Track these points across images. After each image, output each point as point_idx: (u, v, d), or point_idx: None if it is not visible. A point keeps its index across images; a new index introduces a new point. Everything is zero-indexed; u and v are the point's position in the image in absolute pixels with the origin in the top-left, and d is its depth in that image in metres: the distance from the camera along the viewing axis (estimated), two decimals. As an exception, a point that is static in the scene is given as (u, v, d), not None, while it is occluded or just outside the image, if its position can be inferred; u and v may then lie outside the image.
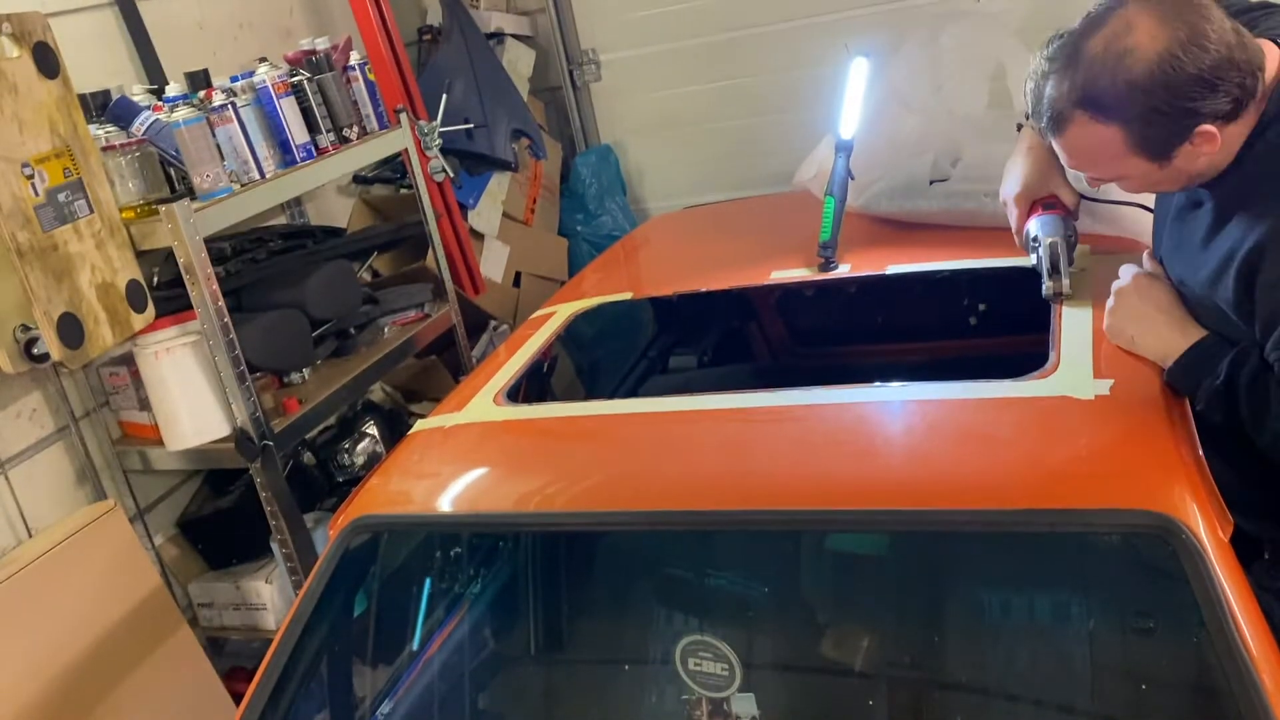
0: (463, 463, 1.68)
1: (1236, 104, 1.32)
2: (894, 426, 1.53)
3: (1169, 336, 1.46)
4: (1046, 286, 1.71)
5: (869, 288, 2.03)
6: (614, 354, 2.58)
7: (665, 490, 1.46)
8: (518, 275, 3.81)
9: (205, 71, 2.65)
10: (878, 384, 1.59)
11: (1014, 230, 1.82)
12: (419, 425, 1.82)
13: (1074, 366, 1.50)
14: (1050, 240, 1.71)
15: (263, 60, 2.65)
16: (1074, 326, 1.62)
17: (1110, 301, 1.55)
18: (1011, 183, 1.82)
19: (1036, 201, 1.77)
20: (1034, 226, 1.76)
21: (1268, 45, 1.37)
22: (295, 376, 2.68)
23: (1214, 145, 1.34)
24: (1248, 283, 1.34)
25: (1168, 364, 1.45)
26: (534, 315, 2.24)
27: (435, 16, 3.94)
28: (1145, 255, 1.64)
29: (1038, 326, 1.67)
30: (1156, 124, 1.34)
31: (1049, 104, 1.41)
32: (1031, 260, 1.77)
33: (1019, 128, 1.90)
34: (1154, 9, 1.32)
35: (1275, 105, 1.35)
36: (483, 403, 1.83)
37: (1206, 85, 1.30)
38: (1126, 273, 1.56)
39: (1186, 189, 1.47)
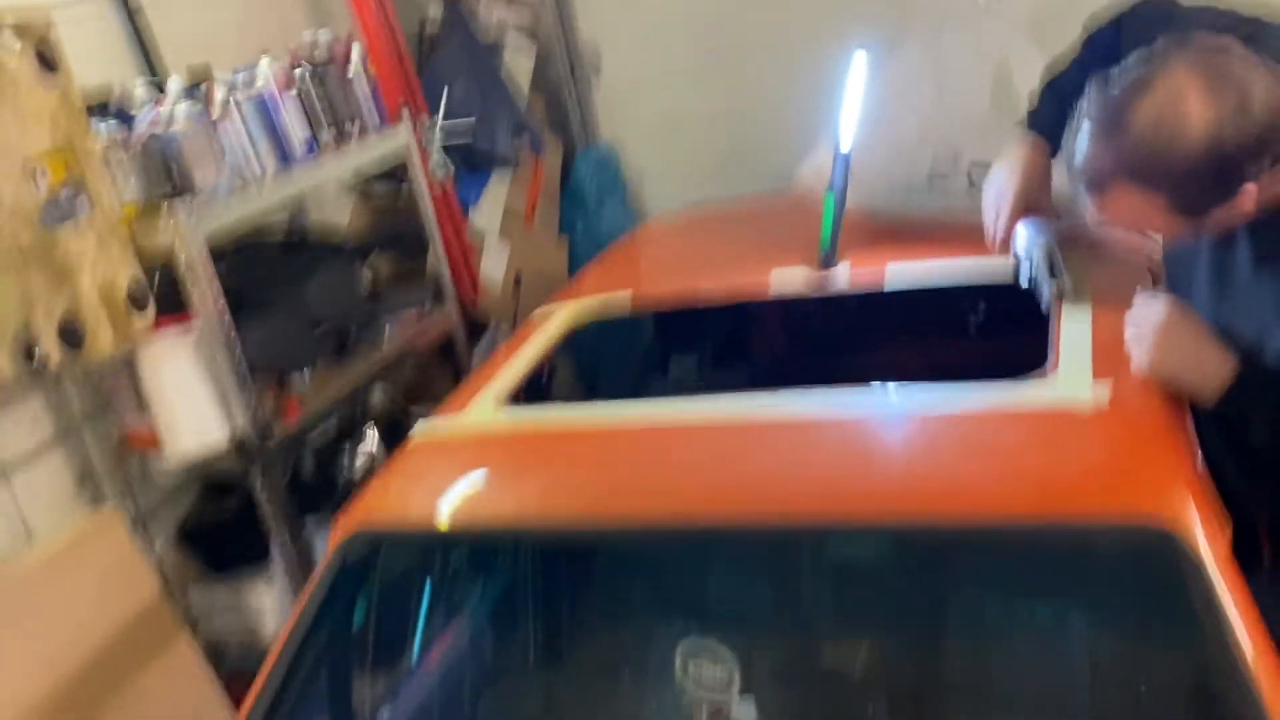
0: (463, 473, 1.66)
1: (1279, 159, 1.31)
2: (891, 436, 1.53)
3: (1218, 363, 1.42)
4: (1050, 286, 1.72)
5: (868, 292, 2.04)
6: (614, 358, 2.58)
7: (669, 502, 1.45)
8: (518, 275, 3.80)
9: (207, 66, 2.64)
10: (875, 387, 1.59)
11: (999, 230, 1.83)
12: (418, 430, 1.80)
13: (1073, 369, 1.50)
14: (1046, 242, 1.75)
15: (264, 54, 2.64)
16: (1073, 328, 1.62)
17: (1147, 336, 1.47)
18: (1008, 186, 1.83)
19: None
20: (1025, 231, 1.80)
21: None
22: (295, 379, 2.66)
23: (1252, 201, 1.33)
24: None
25: (1215, 390, 1.41)
26: (534, 314, 2.24)
27: (436, 12, 3.93)
28: (1153, 286, 1.64)
29: (1037, 329, 1.68)
30: (1200, 190, 1.33)
31: (1089, 166, 1.39)
32: (1023, 265, 1.79)
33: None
34: (1204, 73, 1.29)
35: None
36: (483, 407, 1.81)
37: (1253, 153, 1.29)
38: (1154, 305, 1.50)
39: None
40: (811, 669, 1.54)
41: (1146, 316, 1.49)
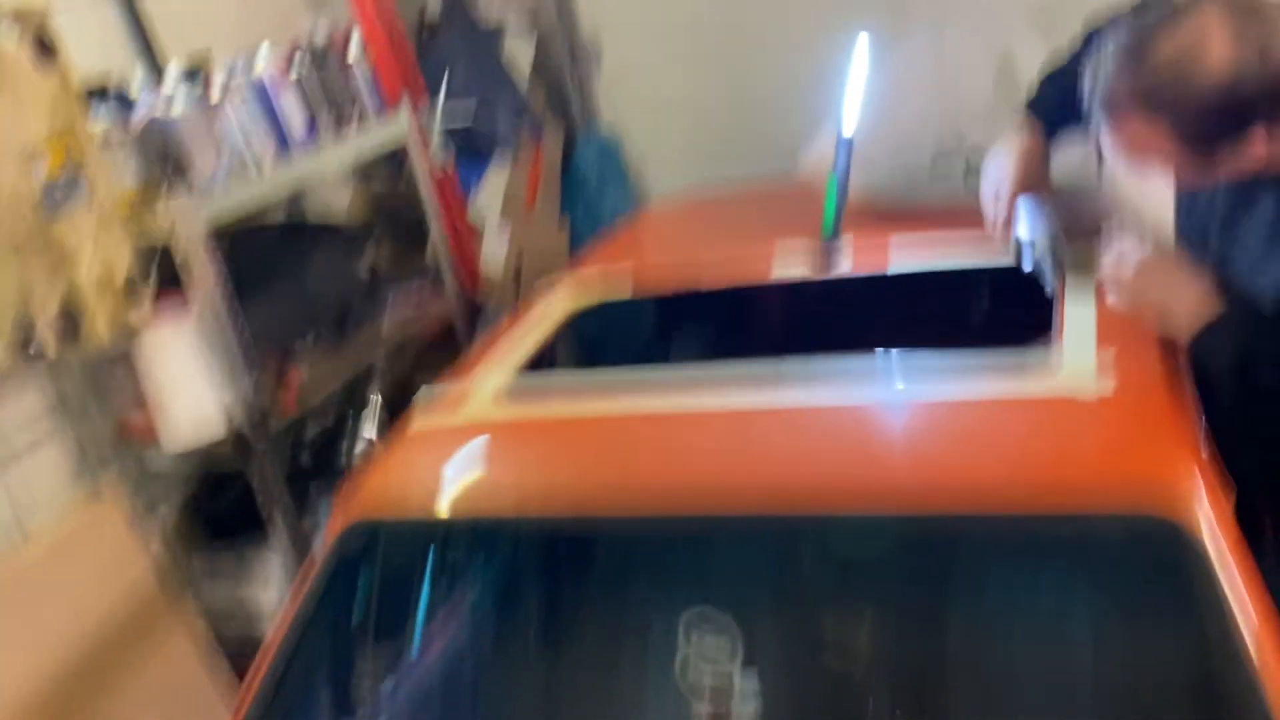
0: (464, 457, 1.64)
1: None
2: (892, 419, 1.53)
3: (1197, 296, 1.44)
4: (1053, 265, 1.72)
5: (872, 277, 2.04)
6: (615, 340, 2.56)
7: (676, 488, 1.44)
8: (519, 259, 3.79)
9: (206, 53, 2.63)
10: (877, 357, 1.60)
11: (999, 212, 1.83)
12: (417, 412, 1.77)
13: (1077, 349, 1.50)
14: (1048, 220, 1.76)
15: (263, 41, 2.63)
16: (1076, 307, 1.62)
17: (1125, 271, 1.51)
18: (1007, 169, 1.83)
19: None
20: (1026, 210, 1.79)
21: None
22: (294, 365, 2.64)
23: (1262, 147, 1.35)
24: None
25: (1195, 324, 1.44)
26: (534, 287, 2.23)
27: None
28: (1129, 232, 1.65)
29: (1042, 307, 1.67)
30: (1208, 126, 1.35)
31: (1108, 90, 1.41)
32: (1025, 246, 1.78)
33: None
34: (1232, 18, 1.32)
35: None
36: (484, 389, 1.79)
37: (1267, 98, 1.31)
38: (1128, 241, 1.54)
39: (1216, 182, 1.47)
40: (814, 661, 1.54)
41: (1122, 252, 1.52)
